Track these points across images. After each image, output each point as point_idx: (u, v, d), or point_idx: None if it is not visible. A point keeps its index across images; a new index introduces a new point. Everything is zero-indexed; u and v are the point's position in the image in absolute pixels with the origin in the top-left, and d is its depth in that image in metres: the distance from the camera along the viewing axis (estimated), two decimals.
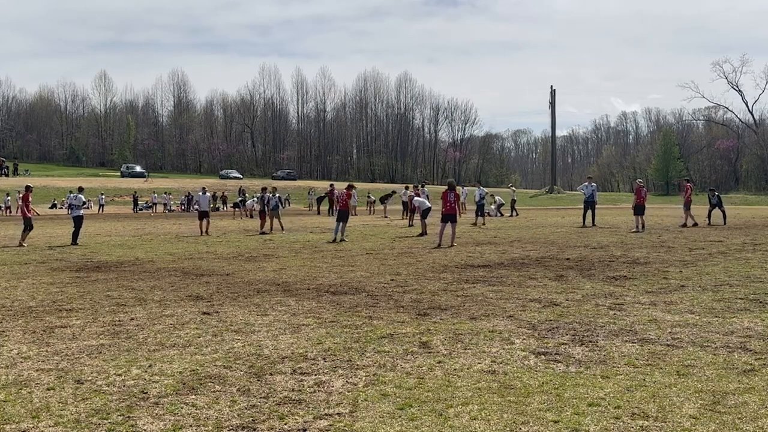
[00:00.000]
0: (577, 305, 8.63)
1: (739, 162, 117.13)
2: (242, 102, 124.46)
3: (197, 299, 9.47)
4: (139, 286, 10.87)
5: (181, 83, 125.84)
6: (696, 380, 5.28)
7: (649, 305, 8.56)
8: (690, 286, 10.11)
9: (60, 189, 63.81)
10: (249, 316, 8.11)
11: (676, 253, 14.95)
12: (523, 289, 10.08)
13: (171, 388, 5.25)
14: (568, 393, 5.01)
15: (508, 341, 6.65)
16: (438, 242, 17.65)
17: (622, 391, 5.04)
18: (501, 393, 5.03)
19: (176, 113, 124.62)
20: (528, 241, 19.11)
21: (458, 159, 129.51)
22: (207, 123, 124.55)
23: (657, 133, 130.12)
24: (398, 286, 10.47)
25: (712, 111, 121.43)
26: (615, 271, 11.93)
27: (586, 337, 6.77)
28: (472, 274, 11.96)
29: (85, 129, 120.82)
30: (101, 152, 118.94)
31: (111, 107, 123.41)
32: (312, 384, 5.32)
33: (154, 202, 56.47)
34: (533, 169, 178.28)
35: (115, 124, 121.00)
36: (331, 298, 9.48)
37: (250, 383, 5.35)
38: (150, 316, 8.18)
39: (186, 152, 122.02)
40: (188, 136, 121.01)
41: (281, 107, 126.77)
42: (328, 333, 7.12)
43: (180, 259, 15.17)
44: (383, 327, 7.40)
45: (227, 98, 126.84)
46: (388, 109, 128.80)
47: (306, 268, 13.17)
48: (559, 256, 14.60)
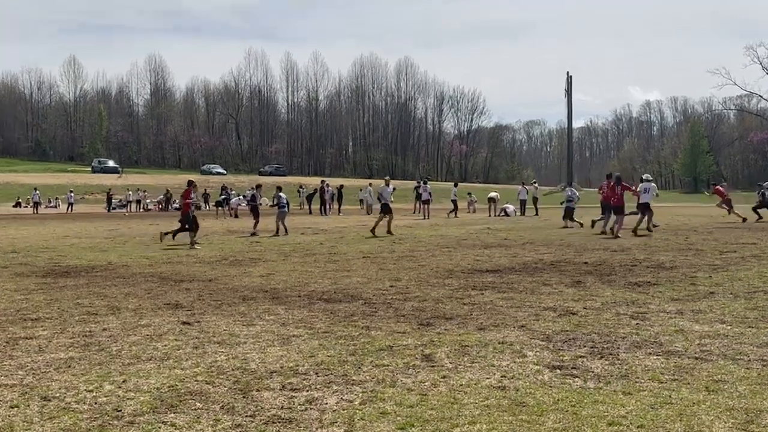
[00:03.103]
0: (596, 314, 8.63)
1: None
2: (226, 90, 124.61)
3: (176, 307, 9.46)
4: (112, 293, 10.85)
5: (159, 69, 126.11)
6: (727, 397, 5.29)
7: (675, 314, 8.56)
8: (720, 292, 10.11)
9: (24, 186, 63.79)
10: (233, 327, 8.10)
11: (705, 256, 14.96)
12: (537, 296, 10.08)
13: (147, 405, 5.24)
14: (585, 411, 5.01)
15: (520, 354, 6.66)
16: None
17: (645, 409, 5.04)
18: (512, 411, 5.03)
19: (153, 102, 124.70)
20: (541, 243, 19.12)
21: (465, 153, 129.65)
22: (187, 113, 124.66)
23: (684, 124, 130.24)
24: (398, 293, 10.47)
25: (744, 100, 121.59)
26: (638, 277, 11.93)
27: (605, 350, 6.78)
28: (480, 279, 11.96)
29: (53, 120, 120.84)
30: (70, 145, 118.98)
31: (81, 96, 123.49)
32: (303, 401, 5.31)
33: (128, 200, 56.45)
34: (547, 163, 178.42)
35: (85, 114, 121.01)
36: (324, 306, 9.47)
37: (235, 400, 5.35)
38: (124, 327, 8.16)
39: (164, 145, 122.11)
40: (166, 128, 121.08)
41: (269, 96, 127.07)
42: (321, 345, 7.12)
43: (157, 263, 15.16)
44: (382, 338, 7.40)
45: (209, 86, 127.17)
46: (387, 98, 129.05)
47: (297, 273, 13.16)
48: (575, 260, 14.61)
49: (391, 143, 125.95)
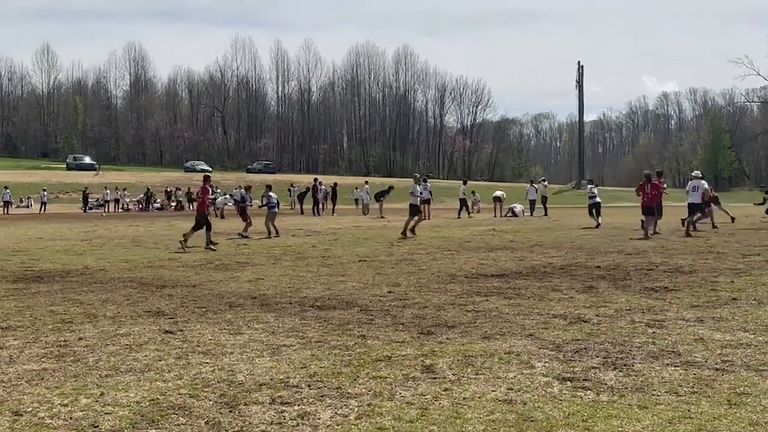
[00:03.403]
0: (610, 322, 8.64)
1: None
2: (211, 81, 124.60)
3: (158, 315, 9.45)
4: (88, 299, 10.83)
5: (139, 59, 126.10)
6: (750, 411, 5.29)
7: (694, 322, 8.57)
8: (743, 299, 10.13)
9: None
10: (219, 336, 8.10)
11: (726, 260, 14.98)
12: (546, 302, 10.09)
13: (127, 420, 5.24)
14: (598, 426, 5.01)
15: (528, 365, 6.66)
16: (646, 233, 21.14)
17: (663, 423, 5.05)
18: (519, 426, 5.03)
19: (133, 94, 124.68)
20: (551, 245, 19.14)
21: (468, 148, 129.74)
22: (169, 106, 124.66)
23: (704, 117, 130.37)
24: (397, 300, 10.47)
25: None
26: (654, 282, 11.94)
27: (620, 360, 6.78)
28: (484, 284, 11.97)
29: (25, 113, 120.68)
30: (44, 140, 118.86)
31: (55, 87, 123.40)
32: (295, 416, 5.31)
33: (106, 199, 56.41)
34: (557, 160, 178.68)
35: (60, 107, 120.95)
36: (317, 313, 9.47)
37: (221, 415, 5.35)
38: (101, 336, 8.15)
39: (144, 141, 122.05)
40: (147, 122, 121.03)
41: (258, 87, 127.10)
42: (313, 355, 7.12)
43: (137, 267, 15.16)
44: (379, 348, 7.40)
45: (193, 76, 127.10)
46: (385, 90, 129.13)
47: (287, 278, 13.16)
48: (587, 264, 14.63)
49: (389, 138, 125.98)
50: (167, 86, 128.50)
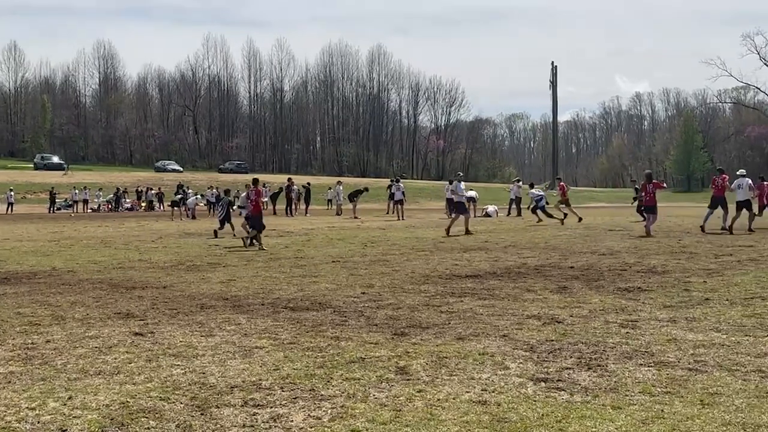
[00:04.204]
0: (584, 322, 8.69)
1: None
2: (182, 80, 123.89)
3: (128, 317, 9.38)
4: (56, 301, 10.74)
5: (108, 57, 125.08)
6: (723, 411, 5.34)
7: (667, 322, 8.65)
8: (716, 299, 10.23)
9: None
10: (191, 338, 8.06)
11: (699, 260, 15.13)
12: (520, 303, 10.13)
13: (96, 424, 5.20)
14: (572, 427, 5.04)
15: (502, 366, 6.68)
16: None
17: (636, 424, 5.08)
18: (493, 427, 5.05)
19: (102, 93, 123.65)
20: (525, 246, 19.23)
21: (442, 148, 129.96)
22: (140, 105, 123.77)
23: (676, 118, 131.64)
24: (371, 301, 10.47)
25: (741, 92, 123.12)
26: (628, 282, 12.04)
27: (593, 361, 6.83)
28: (458, 285, 11.99)
29: None
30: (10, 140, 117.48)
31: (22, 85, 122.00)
32: (267, 418, 5.30)
33: (74, 199, 55.93)
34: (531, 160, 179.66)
35: (27, 105, 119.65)
36: (289, 315, 9.45)
37: (192, 418, 5.32)
38: (70, 338, 8.08)
39: (114, 140, 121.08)
40: (117, 121, 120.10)
41: (229, 86, 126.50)
42: (286, 357, 7.10)
43: (107, 268, 15.05)
44: (353, 349, 7.39)
45: (164, 75, 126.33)
46: (359, 89, 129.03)
47: (260, 279, 13.12)
48: (561, 264, 14.71)
49: (363, 138, 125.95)
50: (137, 85, 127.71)
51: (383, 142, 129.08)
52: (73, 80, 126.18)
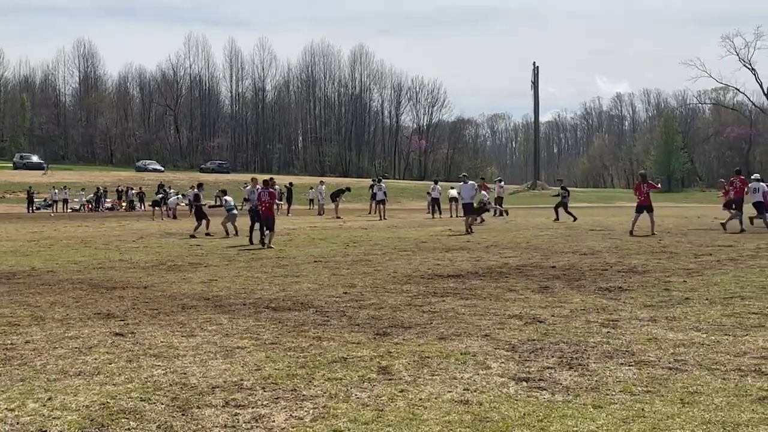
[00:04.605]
0: (565, 322, 8.72)
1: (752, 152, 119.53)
2: (163, 79, 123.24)
3: (108, 317, 9.34)
4: (35, 301, 10.68)
5: (89, 56, 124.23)
6: (703, 409, 5.38)
7: (648, 321, 8.70)
8: (696, 298, 10.30)
9: None
10: (172, 338, 8.03)
11: (679, 260, 15.23)
12: (501, 303, 10.15)
13: (75, 425, 5.17)
14: (554, 426, 5.05)
15: (484, 365, 6.70)
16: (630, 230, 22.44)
17: (617, 423, 5.11)
18: (475, 427, 5.05)
19: (82, 92, 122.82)
20: (507, 246, 19.28)
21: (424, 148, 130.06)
22: (120, 104, 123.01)
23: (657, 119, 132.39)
24: (353, 301, 10.47)
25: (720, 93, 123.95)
26: (609, 282, 12.09)
27: (575, 360, 6.85)
28: (440, 285, 12.01)
29: None
30: None
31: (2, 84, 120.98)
32: (249, 418, 5.28)
33: (54, 199, 55.55)
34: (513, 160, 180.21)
35: (6, 104, 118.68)
36: (271, 315, 9.43)
37: (173, 418, 5.30)
38: (49, 339, 8.04)
39: (94, 139, 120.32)
40: (97, 120, 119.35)
41: (211, 85, 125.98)
42: (268, 357, 7.08)
43: (87, 268, 14.96)
44: (335, 349, 7.39)
45: (145, 74, 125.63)
46: (341, 89, 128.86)
47: (241, 279, 13.09)
48: (543, 264, 14.76)
49: (345, 138, 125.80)
50: (118, 84, 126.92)
51: (365, 142, 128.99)
52: (52, 79, 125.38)
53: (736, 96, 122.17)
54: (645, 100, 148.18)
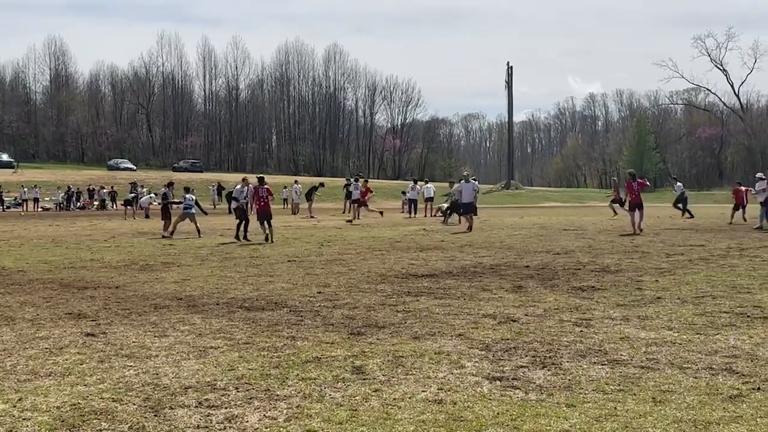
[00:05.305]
0: (538, 321, 8.77)
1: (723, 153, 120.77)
2: (136, 77, 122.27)
3: (79, 317, 9.27)
4: (5, 301, 10.58)
5: (60, 53, 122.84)
6: (675, 408, 5.43)
7: (620, 320, 8.76)
8: (667, 297, 10.39)
9: None
10: (144, 338, 7.98)
11: (651, 259, 15.36)
12: (475, 302, 10.19)
13: (46, 426, 5.12)
14: (527, 425, 5.08)
15: (458, 364, 6.72)
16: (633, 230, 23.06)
17: (590, 421, 5.14)
18: (449, 426, 5.07)
19: (53, 90, 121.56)
20: (481, 245, 19.35)
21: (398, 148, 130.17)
22: (92, 102, 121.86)
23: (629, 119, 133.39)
24: (327, 300, 10.46)
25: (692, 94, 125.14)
26: (582, 281, 12.17)
27: (548, 359, 6.89)
28: (414, 285, 12.03)
29: None
30: None
31: None
32: (222, 419, 5.26)
33: (24, 198, 55.03)
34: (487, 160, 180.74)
35: None
36: (245, 314, 9.41)
37: (146, 419, 5.27)
38: (20, 339, 7.97)
39: (65, 138, 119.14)
40: (68, 118, 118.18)
41: (184, 84, 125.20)
42: (241, 357, 7.06)
43: (58, 268, 14.84)
44: (308, 349, 7.38)
45: (117, 72, 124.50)
46: (315, 88, 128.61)
47: (215, 278, 13.04)
48: (517, 264, 14.83)
49: (319, 137, 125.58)
50: (89, 82, 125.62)
51: (340, 141, 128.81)
52: (23, 77, 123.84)
53: (707, 97, 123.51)
54: (618, 101, 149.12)
